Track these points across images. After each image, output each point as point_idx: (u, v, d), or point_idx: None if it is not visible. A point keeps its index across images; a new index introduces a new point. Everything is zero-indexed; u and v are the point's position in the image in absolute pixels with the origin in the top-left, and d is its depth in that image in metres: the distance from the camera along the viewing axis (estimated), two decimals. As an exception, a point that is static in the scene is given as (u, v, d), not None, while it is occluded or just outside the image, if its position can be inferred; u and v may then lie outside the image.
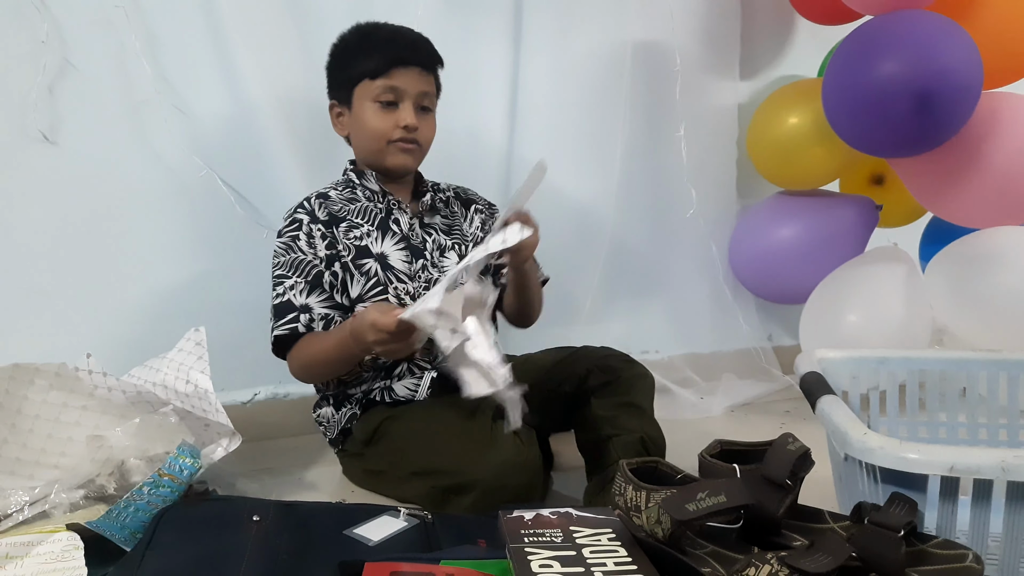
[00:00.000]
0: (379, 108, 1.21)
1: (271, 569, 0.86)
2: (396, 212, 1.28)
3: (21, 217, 1.36)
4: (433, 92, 1.26)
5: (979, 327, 1.46)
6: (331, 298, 1.22)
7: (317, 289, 1.21)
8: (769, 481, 0.75)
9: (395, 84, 1.20)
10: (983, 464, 0.74)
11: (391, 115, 1.22)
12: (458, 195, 1.39)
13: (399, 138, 1.22)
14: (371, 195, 1.28)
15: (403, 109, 1.21)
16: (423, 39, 1.26)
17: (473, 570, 0.77)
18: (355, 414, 1.25)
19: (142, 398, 1.15)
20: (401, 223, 1.28)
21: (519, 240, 1.03)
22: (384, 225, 1.27)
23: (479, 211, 1.39)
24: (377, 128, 1.22)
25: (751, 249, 1.80)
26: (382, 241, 1.25)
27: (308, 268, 1.21)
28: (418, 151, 1.26)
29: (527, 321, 1.38)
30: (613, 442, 1.12)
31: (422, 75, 1.22)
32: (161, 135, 1.42)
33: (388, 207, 1.28)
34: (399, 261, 1.25)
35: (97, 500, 1.04)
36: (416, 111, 1.22)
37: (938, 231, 1.71)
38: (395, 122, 1.21)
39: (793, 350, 1.66)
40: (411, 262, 1.26)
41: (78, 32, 1.36)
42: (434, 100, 1.27)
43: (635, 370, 1.23)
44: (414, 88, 1.21)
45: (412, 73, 1.21)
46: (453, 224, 1.35)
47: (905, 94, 1.37)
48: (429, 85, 1.24)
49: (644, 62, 1.74)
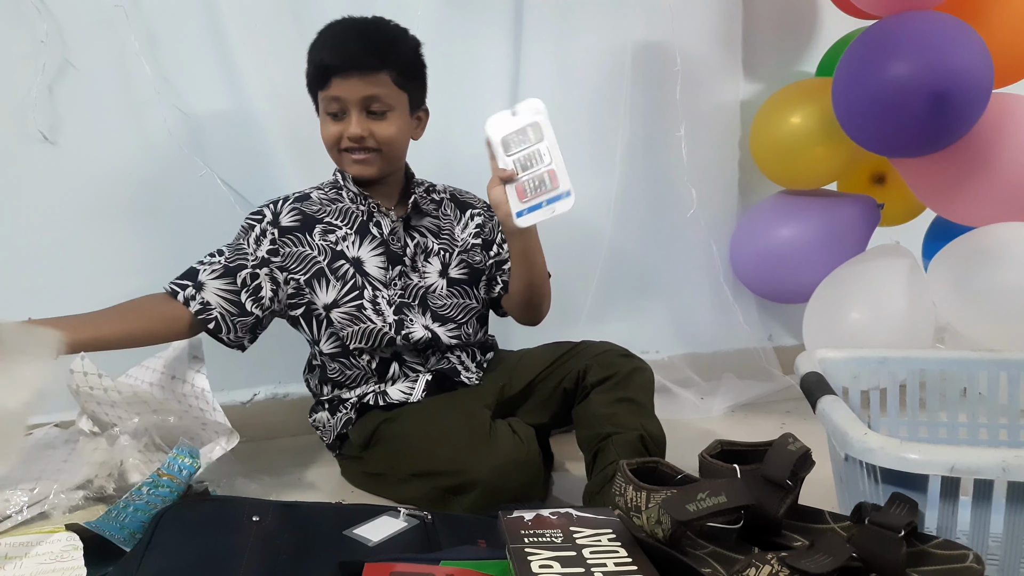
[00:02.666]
0: (330, 119, 1.21)
1: (271, 569, 0.85)
2: (377, 215, 1.26)
3: (21, 217, 1.36)
4: (386, 92, 1.19)
5: (982, 324, 1.46)
6: (235, 292, 1.19)
7: (226, 278, 1.18)
8: (769, 481, 0.75)
9: (335, 94, 1.18)
10: (983, 464, 0.74)
11: (339, 124, 1.20)
12: (454, 197, 1.37)
13: (346, 148, 1.21)
14: (354, 196, 1.27)
15: (348, 118, 1.19)
16: (370, 35, 1.19)
17: (473, 570, 0.77)
18: (350, 419, 1.25)
19: (139, 398, 1.15)
20: (382, 226, 1.26)
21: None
22: (363, 229, 1.25)
23: (477, 215, 1.36)
24: (328, 138, 1.22)
25: (752, 248, 1.80)
26: (359, 245, 1.24)
27: (237, 257, 1.19)
28: (375, 157, 1.22)
29: (536, 315, 1.34)
30: (612, 440, 1.12)
31: (363, 79, 1.16)
32: (161, 135, 1.42)
33: (369, 210, 1.26)
34: (375, 267, 1.24)
35: (96, 500, 1.04)
36: (363, 116, 1.19)
37: (942, 228, 1.71)
38: (342, 131, 1.20)
39: (794, 350, 1.66)
40: (387, 268, 1.25)
41: (78, 32, 1.36)
42: (392, 99, 1.20)
43: (633, 364, 1.22)
44: (355, 95, 1.17)
45: (351, 81, 1.17)
46: (443, 227, 1.32)
47: (919, 95, 1.37)
48: (376, 87, 1.17)
49: (644, 62, 1.74)
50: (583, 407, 1.19)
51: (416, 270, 1.27)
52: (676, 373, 1.82)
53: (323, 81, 1.18)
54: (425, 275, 1.27)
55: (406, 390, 1.23)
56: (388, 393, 1.23)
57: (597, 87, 1.73)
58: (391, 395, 1.23)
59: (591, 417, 1.17)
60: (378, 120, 1.20)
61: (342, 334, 1.23)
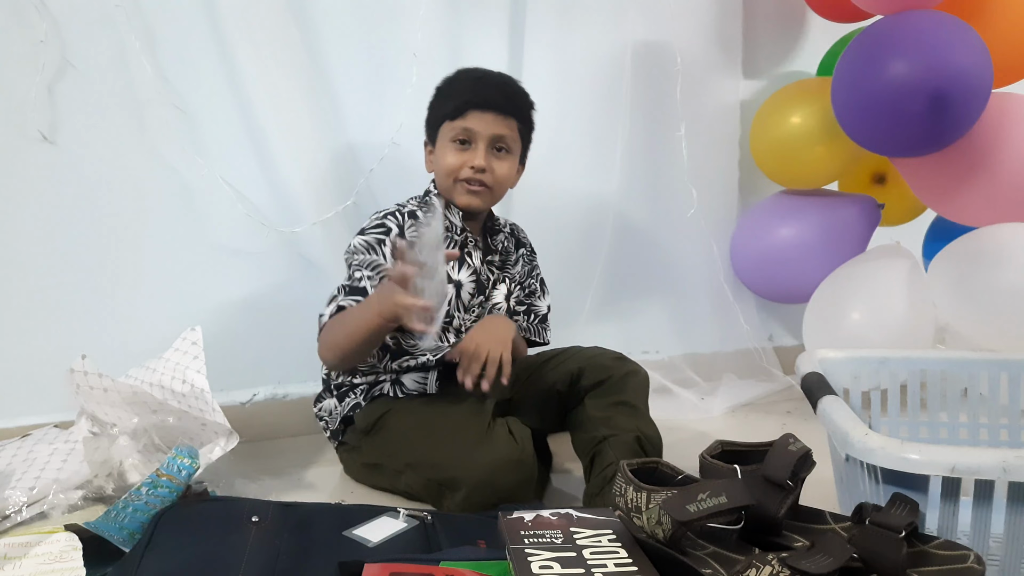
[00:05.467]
0: (455, 147, 1.24)
1: (270, 570, 0.85)
2: (470, 247, 1.31)
3: (21, 217, 1.36)
4: (511, 135, 1.26)
5: (982, 324, 1.46)
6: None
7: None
8: (770, 482, 0.75)
9: (469, 125, 1.23)
10: (984, 464, 0.74)
11: (464, 154, 1.24)
12: (513, 232, 1.42)
13: (466, 177, 1.24)
14: (450, 225, 1.29)
15: (475, 150, 1.24)
16: (508, 84, 1.28)
17: (473, 571, 0.77)
18: (359, 404, 1.26)
19: (139, 399, 1.15)
20: (473, 257, 1.31)
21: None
22: (461, 256, 1.29)
23: (523, 257, 1.41)
24: (450, 164, 1.25)
25: (752, 248, 1.80)
26: (459, 270, 1.28)
27: (382, 273, 1.22)
28: (487, 193, 1.26)
29: None
30: (609, 442, 1.13)
31: (498, 118, 1.23)
32: (161, 135, 1.42)
33: (464, 241, 1.30)
34: (467, 293, 1.29)
35: (95, 501, 1.04)
36: (488, 152, 1.24)
37: (942, 228, 1.71)
38: (465, 161, 1.24)
39: (794, 350, 1.66)
40: (474, 295, 1.30)
41: (78, 32, 1.35)
42: (514, 143, 1.27)
43: (627, 367, 1.24)
44: (487, 130, 1.23)
45: (487, 116, 1.23)
46: (506, 261, 1.38)
47: (920, 94, 1.37)
48: (506, 128, 1.24)
49: (644, 62, 1.74)
50: (578, 412, 1.21)
51: (488, 299, 1.33)
52: (676, 373, 1.82)
53: (458, 112, 1.23)
54: (495, 301, 1.34)
55: (420, 380, 1.25)
56: (403, 382, 1.25)
57: (597, 87, 1.72)
58: (406, 384, 1.25)
59: (587, 421, 1.18)
60: (499, 158, 1.26)
61: (411, 341, 1.25)
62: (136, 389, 1.13)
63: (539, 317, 1.39)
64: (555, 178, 1.70)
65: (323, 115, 1.52)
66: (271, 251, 1.50)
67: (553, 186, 1.70)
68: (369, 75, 1.54)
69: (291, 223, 1.49)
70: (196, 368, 1.15)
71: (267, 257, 1.51)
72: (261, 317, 1.51)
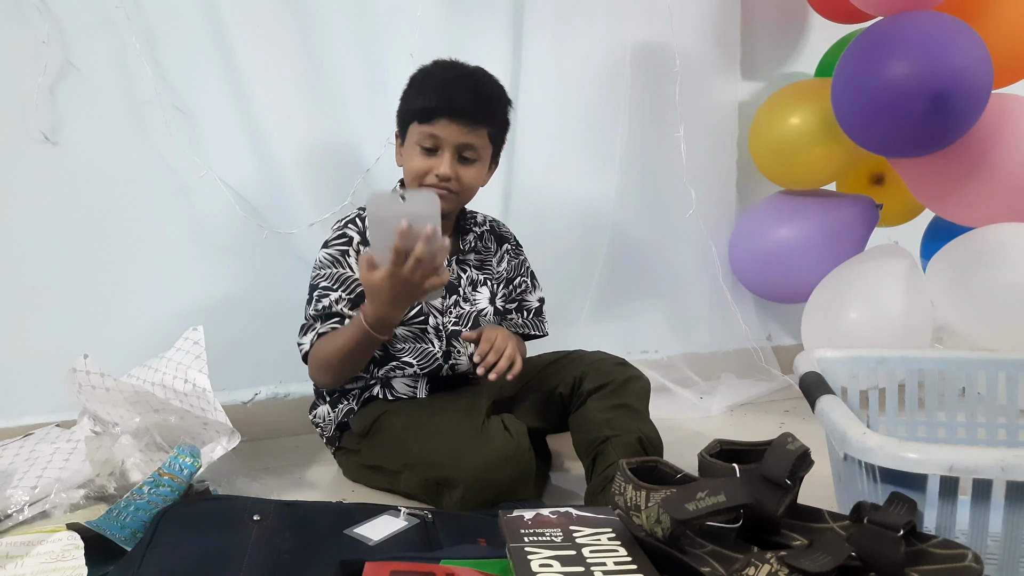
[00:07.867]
0: (421, 152, 1.23)
1: (271, 568, 0.86)
2: None
3: (21, 217, 1.37)
4: (480, 143, 1.23)
5: (981, 324, 1.46)
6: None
7: (358, 308, 1.20)
8: (768, 481, 0.75)
9: (436, 132, 1.20)
10: (982, 464, 0.74)
11: (430, 160, 1.22)
12: (492, 229, 1.41)
13: (431, 184, 1.23)
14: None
15: (441, 157, 1.22)
16: (481, 88, 1.24)
17: (473, 569, 0.77)
18: (352, 409, 1.27)
19: (141, 398, 1.15)
20: None
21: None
22: None
23: (508, 252, 1.40)
24: (416, 169, 1.23)
25: (751, 249, 1.80)
26: None
27: (353, 285, 1.23)
28: (452, 197, 1.25)
29: None
30: (611, 442, 1.13)
31: (466, 128, 1.21)
32: (161, 135, 1.42)
33: None
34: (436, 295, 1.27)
35: (97, 500, 1.05)
36: (455, 160, 1.22)
37: (940, 228, 1.71)
38: (431, 167, 1.22)
39: (792, 350, 1.66)
40: (445, 297, 1.28)
41: (79, 33, 1.36)
42: (483, 150, 1.25)
43: (629, 372, 1.25)
44: (454, 139, 1.21)
45: (455, 126, 1.20)
46: (485, 260, 1.37)
47: (919, 95, 1.37)
48: (474, 137, 1.22)
49: (644, 62, 1.74)
50: (580, 414, 1.21)
51: (467, 300, 1.31)
52: (675, 373, 1.82)
53: (426, 117, 1.21)
54: (476, 302, 1.32)
55: (410, 384, 1.26)
56: (393, 386, 1.25)
57: (597, 87, 1.73)
58: (396, 388, 1.25)
59: (589, 423, 1.18)
60: (466, 166, 1.24)
61: (399, 346, 1.25)
62: (138, 388, 1.14)
63: (532, 311, 1.38)
64: (554, 179, 1.70)
65: (321, 116, 1.52)
66: (273, 251, 1.51)
67: (552, 187, 1.71)
68: (366, 76, 1.54)
69: (290, 223, 1.50)
70: (198, 367, 1.16)
71: (269, 257, 1.51)
72: (262, 317, 1.51)
